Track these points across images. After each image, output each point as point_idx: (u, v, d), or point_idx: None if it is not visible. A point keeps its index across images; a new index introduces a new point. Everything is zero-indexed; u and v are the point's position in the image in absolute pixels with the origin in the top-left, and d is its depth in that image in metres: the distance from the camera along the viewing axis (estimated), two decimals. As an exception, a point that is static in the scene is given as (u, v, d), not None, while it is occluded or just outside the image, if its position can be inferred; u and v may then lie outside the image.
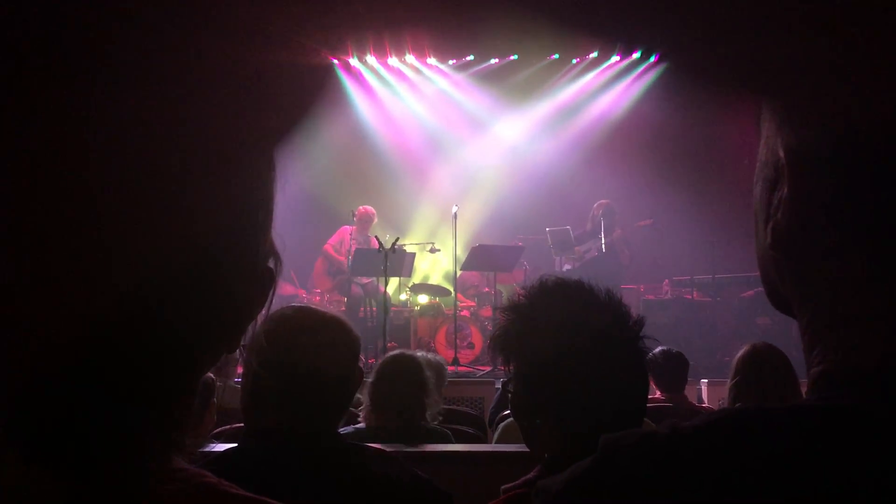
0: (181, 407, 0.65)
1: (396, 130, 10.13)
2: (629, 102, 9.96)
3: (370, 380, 2.89)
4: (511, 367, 1.41)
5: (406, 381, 2.90)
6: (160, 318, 0.61)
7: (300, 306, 1.64)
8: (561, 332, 1.32)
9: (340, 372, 1.61)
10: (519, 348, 1.39)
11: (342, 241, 8.57)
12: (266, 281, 0.72)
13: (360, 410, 2.88)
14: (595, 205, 8.69)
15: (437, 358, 3.75)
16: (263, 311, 0.71)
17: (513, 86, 10.03)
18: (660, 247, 8.94)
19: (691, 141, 9.30)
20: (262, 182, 0.69)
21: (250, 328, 0.70)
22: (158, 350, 0.61)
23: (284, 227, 0.71)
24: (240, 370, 2.05)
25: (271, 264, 0.73)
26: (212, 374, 2.06)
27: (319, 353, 1.58)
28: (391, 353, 3.05)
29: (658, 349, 4.13)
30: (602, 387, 1.29)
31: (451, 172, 10.09)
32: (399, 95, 10.16)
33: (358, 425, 2.85)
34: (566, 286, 1.40)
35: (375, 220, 8.58)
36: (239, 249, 0.67)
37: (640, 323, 1.37)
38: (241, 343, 0.70)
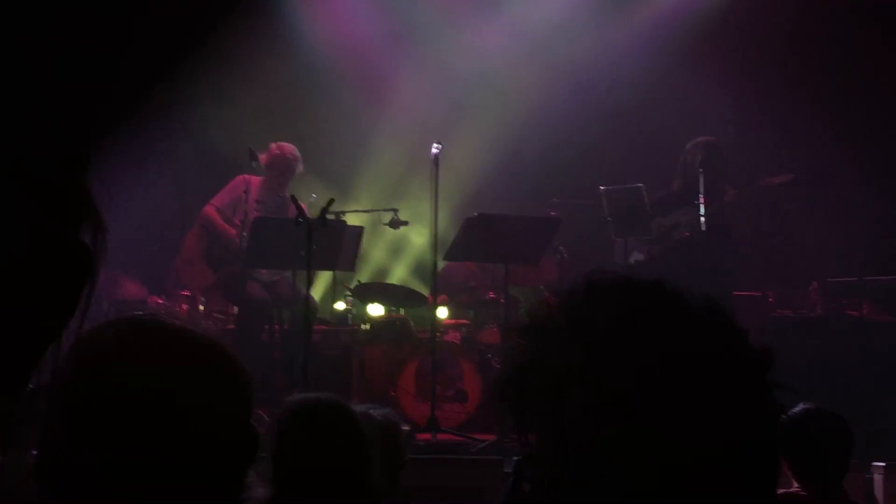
0: None
1: (336, 12, 9.69)
2: None
3: (268, 446, 2.71)
4: (534, 437, 1.15)
5: (332, 444, 2.75)
6: None
7: (145, 318, 1.42)
8: (625, 374, 1.07)
9: (210, 444, 1.36)
10: (551, 402, 1.11)
11: (237, 200, 7.67)
12: (73, 264, 0.67)
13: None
14: (689, 145, 7.84)
15: (385, 413, 3.37)
16: (71, 325, 0.67)
17: None
18: (804, 223, 8.54)
19: (867, 36, 8.78)
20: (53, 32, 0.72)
21: (47, 355, 0.66)
22: None
23: (124, 181, 0.68)
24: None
25: (86, 236, 0.68)
26: None
27: (175, 411, 1.33)
28: (299, 398, 2.88)
29: (799, 407, 3.53)
30: (695, 477, 1.06)
31: (428, 83, 9.55)
32: None
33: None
34: (636, 292, 1.12)
35: (299, 167, 7.82)
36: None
37: (766, 360, 1.09)
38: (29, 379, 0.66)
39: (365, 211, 8.53)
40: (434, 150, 7.34)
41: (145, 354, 1.37)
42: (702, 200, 7.62)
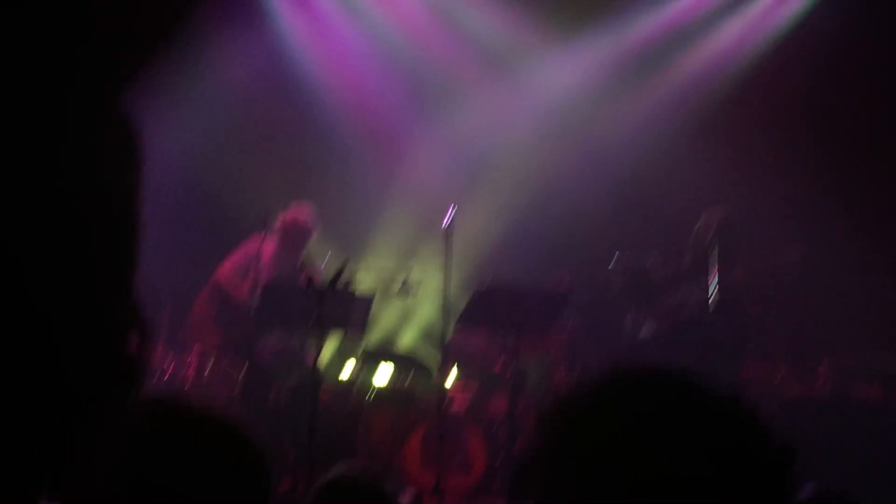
0: None
1: (350, 72, 9.81)
2: (771, 35, 9.38)
3: None
4: None
5: None
6: None
7: (170, 402, 1.43)
8: (655, 468, 1.10)
9: None
10: (577, 490, 1.16)
11: (250, 263, 7.69)
12: (124, 374, 0.69)
13: None
14: (701, 219, 7.82)
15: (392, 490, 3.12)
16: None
17: (560, 0, 9.66)
18: (816, 299, 8.36)
19: (883, 113, 8.90)
20: (106, 172, 0.70)
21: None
22: None
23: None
24: None
25: (134, 340, 0.70)
26: None
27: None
28: (334, 475, 2.87)
29: (810, 489, 3.20)
30: None
31: (443, 149, 9.57)
32: (355, 6, 9.73)
33: None
34: (664, 387, 1.16)
35: (314, 234, 7.83)
36: (67, 317, 0.66)
37: (787, 457, 1.12)
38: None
39: (376, 276, 8.44)
40: (448, 217, 7.29)
41: (170, 443, 1.40)
42: (712, 276, 7.53)
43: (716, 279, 7.53)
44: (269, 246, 7.79)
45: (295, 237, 7.86)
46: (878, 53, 8.75)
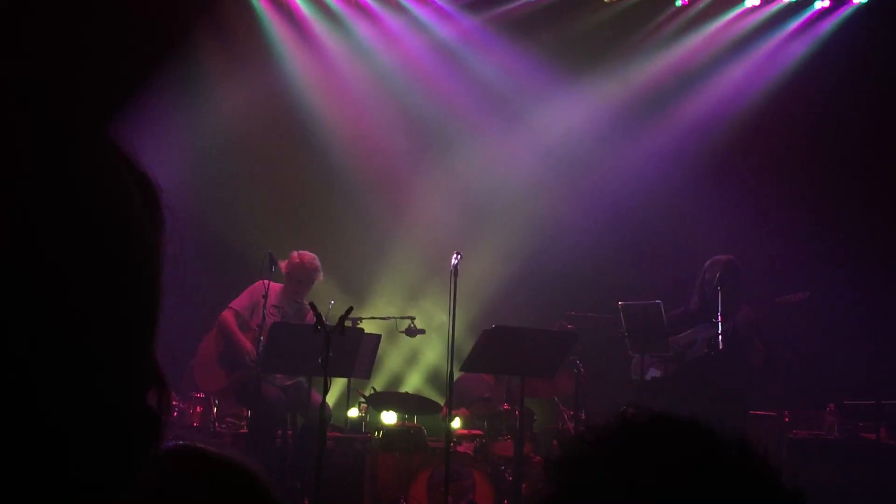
0: None
1: (354, 112, 9.78)
2: (776, 78, 9.46)
3: None
4: None
5: None
6: None
7: (187, 449, 1.41)
8: None
9: None
10: None
11: (256, 305, 7.70)
12: (143, 431, 0.69)
13: None
14: (707, 262, 7.96)
15: None
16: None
17: (565, 43, 9.63)
18: (821, 343, 8.61)
19: (888, 156, 8.98)
20: (132, 223, 0.69)
21: None
22: None
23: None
24: None
25: (153, 401, 0.70)
26: None
27: None
28: None
29: None
30: None
31: (449, 193, 9.74)
32: (361, 49, 9.76)
33: None
34: (672, 435, 1.14)
35: (319, 277, 7.91)
36: (73, 380, 0.64)
37: (797, 502, 1.12)
38: None
39: (382, 318, 8.48)
40: (454, 261, 7.37)
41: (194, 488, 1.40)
42: (718, 319, 7.61)
43: (720, 323, 7.59)
44: (274, 288, 7.77)
45: (300, 279, 7.86)
46: (883, 96, 8.80)
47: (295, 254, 7.91)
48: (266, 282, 7.76)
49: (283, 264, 7.84)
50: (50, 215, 0.64)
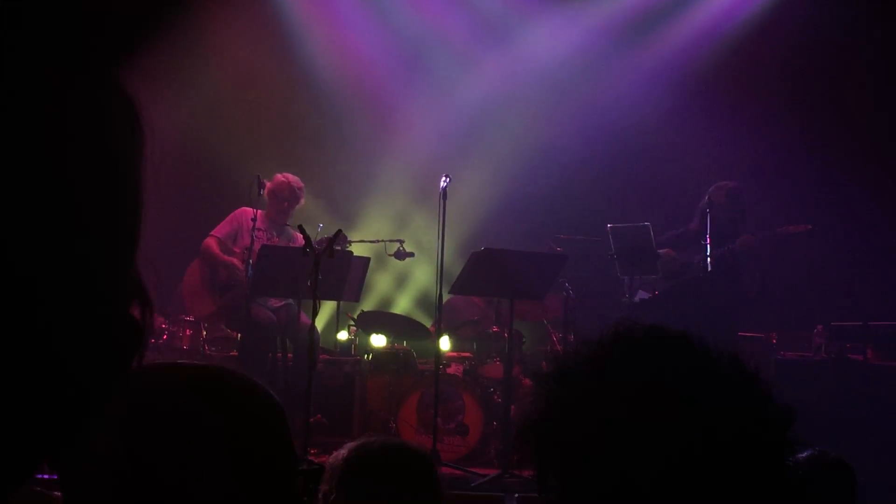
0: None
1: (342, 36, 9.79)
2: None
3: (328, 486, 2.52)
4: (551, 483, 1.17)
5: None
6: None
7: (163, 366, 1.39)
8: (656, 434, 1.09)
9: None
10: (572, 455, 1.14)
11: (239, 230, 7.82)
12: (120, 345, 0.70)
13: None
14: (711, 188, 7.92)
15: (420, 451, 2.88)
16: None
17: None
18: (819, 271, 8.64)
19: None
20: (111, 144, 0.70)
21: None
22: None
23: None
24: None
25: (136, 311, 0.72)
26: None
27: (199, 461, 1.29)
28: (368, 443, 2.65)
29: (806, 453, 3.36)
30: None
31: (438, 116, 9.71)
32: None
33: None
34: (665, 347, 1.14)
35: (302, 199, 7.97)
36: (68, 285, 0.66)
37: (787, 420, 1.11)
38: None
39: (371, 241, 8.49)
40: (442, 183, 7.37)
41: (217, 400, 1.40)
42: (707, 241, 7.69)
43: (708, 243, 7.65)
44: (258, 213, 7.81)
45: (284, 198, 7.89)
46: (881, 12, 8.69)
47: (278, 175, 7.94)
48: (248, 208, 7.79)
49: (267, 184, 7.89)
50: (27, 124, 0.65)
